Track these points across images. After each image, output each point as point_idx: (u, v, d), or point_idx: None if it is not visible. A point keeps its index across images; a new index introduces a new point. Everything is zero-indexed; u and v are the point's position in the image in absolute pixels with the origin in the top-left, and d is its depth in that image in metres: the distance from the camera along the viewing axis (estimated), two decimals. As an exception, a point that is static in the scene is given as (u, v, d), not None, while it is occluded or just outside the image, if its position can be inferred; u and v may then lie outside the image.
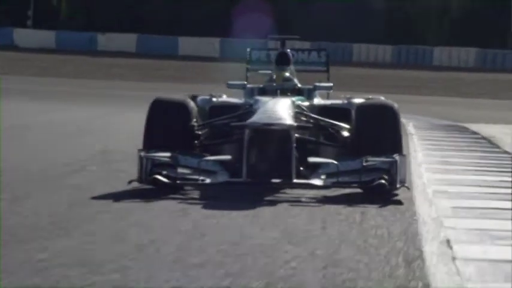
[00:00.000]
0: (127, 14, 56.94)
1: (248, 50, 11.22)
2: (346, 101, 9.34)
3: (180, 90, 26.36)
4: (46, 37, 54.72)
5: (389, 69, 45.18)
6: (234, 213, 6.91)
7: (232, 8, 52.75)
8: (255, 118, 8.04)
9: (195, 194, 7.84)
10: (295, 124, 8.05)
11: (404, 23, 53.63)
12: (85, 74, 37.52)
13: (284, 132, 7.86)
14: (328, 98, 10.26)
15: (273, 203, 7.44)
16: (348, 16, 53.72)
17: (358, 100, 9.27)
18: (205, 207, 7.19)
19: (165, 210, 7.09)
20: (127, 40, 54.44)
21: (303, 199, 7.66)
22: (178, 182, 7.94)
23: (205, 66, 42.34)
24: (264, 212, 7.02)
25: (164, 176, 7.84)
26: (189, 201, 7.50)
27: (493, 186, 8.77)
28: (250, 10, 49.99)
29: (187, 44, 54.62)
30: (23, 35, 55.46)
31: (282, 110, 8.22)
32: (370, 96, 9.48)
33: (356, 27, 52.61)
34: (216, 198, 7.59)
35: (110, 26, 54.61)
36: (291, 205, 7.37)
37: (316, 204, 7.47)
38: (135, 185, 7.86)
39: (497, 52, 52.83)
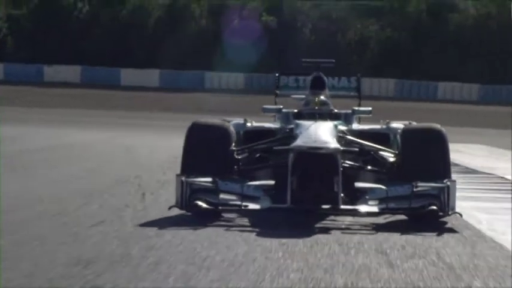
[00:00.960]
0: (72, 47, 58.27)
1: (276, 75, 10.92)
2: (384, 126, 9.00)
3: (130, 118, 27.72)
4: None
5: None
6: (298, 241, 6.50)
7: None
8: (299, 142, 7.64)
9: (242, 221, 7.46)
10: (342, 148, 7.68)
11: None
12: (34, 103, 37.53)
13: (331, 156, 7.44)
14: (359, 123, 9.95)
15: (325, 230, 7.06)
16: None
17: (396, 125, 8.91)
18: (263, 235, 6.74)
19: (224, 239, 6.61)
20: (72, 71, 56.04)
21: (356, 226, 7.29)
22: (220, 207, 7.56)
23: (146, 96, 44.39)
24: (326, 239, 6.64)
25: (205, 201, 7.48)
26: (241, 228, 7.08)
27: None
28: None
29: (129, 75, 56.75)
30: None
31: (326, 133, 7.85)
32: (410, 122, 9.10)
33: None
34: (265, 225, 7.17)
35: (55, 58, 55.86)
36: (343, 233, 6.97)
37: (372, 231, 7.08)
38: (175, 210, 7.50)
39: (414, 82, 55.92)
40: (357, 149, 8.24)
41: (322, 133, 7.83)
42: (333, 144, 7.58)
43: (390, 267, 5.55)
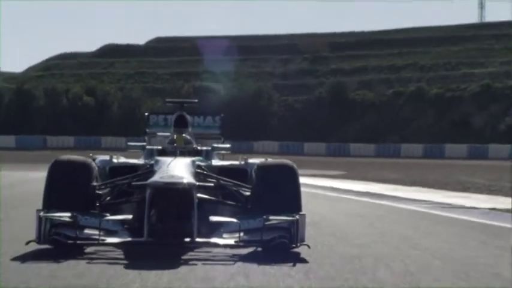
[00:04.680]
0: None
1: (146, 114, 10.87)
2: (243, 162, 9.01)
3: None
4: None
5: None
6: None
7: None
8: (156, 177, 7.48)
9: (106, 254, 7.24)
10: (197, 183, 7.60)
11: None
12: None
13: (186, 190, 7.31)
14: (223, 159, 9.94)
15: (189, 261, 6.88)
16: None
17: (255, 160, 8.93)
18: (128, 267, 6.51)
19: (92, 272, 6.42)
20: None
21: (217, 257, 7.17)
22: (78, 242, 7.34)
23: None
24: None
25: (64, 236, 7.26)
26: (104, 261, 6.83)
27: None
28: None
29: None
30: None
31: (182, 169, 7.75)
32: (267, 158, 9.12)
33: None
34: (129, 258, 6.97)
35: None
36: (205, 264, 6.81)
37: (232, 261, 6.94)
38: (33, 245, 7.24)
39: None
40: (212, 184, 8.16)
41: (179, 169, 7.73)
42: (188, 179, 7.47)
43: None
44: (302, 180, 8.36)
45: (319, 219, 11.08)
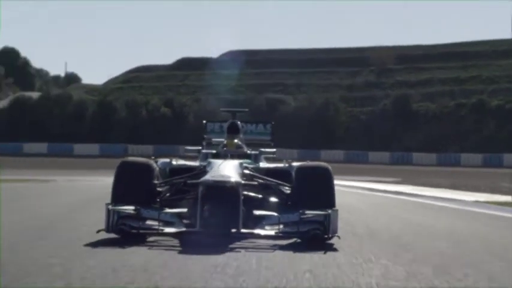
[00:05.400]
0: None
1: (204, 122, 11.66)
2: (287, 164, 9.74)
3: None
4: None
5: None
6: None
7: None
8: (208, 177, 8.30)
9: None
10: (243, 182, 8.38)
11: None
12: None
13: (233, 188, 8.11)
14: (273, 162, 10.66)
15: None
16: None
17: (297, 163, 9.66)
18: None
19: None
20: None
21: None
22: (141, 231, 8.20)
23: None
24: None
25: (129, 226, 8.12)
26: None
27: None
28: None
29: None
30: None
31: (231, 170, 8.56)
32: (308, 161, 9.85)
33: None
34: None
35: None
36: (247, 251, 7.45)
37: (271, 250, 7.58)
38: (103, 234, 8.09)
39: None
40: (256, 183, 8.93)
41: (228, 169, 8.55)
42: (236, 178, 8.28)
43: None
44: (354, 183, 9.42)
45: (347, 206, 13.27)
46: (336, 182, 8.84)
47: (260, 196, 8.87)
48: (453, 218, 13.07)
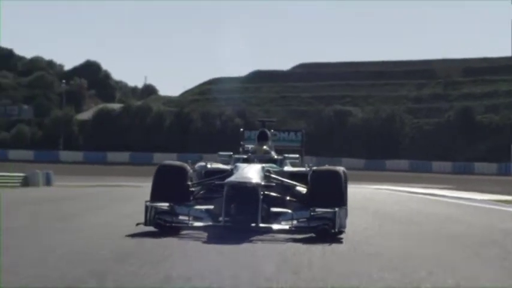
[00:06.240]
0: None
1: (241, 130, 12.56)
2: (308, 168, 10.52)
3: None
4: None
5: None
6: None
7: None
8: (232, 178, 9.22)
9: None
10: (262, 183, 9.23)
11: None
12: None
13: (253, 188, 9.00)
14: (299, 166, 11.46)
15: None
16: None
17: (315, 168, 10.43)
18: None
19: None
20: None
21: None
22: (173, 225, 9.14)
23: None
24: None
25: (164, 220, 9.09)
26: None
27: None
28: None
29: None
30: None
31: (254, 172, 9.44)
32: (326, 165, 10.59)
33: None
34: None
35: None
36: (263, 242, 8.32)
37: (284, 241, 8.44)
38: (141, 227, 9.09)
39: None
40: (274, 184, 9.73)
41: (251, 172, 9.43)
42: (256, 180, 9.16)
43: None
44: (409, 188, 10.75)
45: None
46: (380, 186, 9.72)
47: (279, 195, 9.67)
48: (469, 210, 15.09)
